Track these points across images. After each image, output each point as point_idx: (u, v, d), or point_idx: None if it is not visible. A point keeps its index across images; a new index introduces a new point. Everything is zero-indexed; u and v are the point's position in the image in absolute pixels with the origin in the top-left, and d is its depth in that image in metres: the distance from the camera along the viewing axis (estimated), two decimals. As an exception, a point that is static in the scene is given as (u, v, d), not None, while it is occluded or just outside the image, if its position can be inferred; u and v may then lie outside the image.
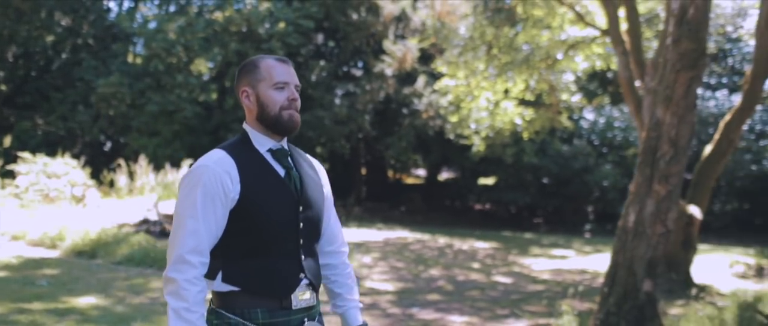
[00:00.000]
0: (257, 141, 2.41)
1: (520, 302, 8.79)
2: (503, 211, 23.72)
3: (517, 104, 15.88)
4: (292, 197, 2.39)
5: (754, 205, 24.69)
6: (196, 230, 2.26)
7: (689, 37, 5.74)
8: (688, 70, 5.74)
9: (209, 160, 2.32)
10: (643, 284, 6.06)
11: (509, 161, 19.11)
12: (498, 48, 14.68)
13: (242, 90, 2.43)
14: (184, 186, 2.32)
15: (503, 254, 14.07)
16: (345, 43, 20.24)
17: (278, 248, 2.36)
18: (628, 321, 6.00)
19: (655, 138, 5.92)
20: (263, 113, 2.38)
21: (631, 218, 6.15)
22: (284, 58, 2.46)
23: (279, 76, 2.39)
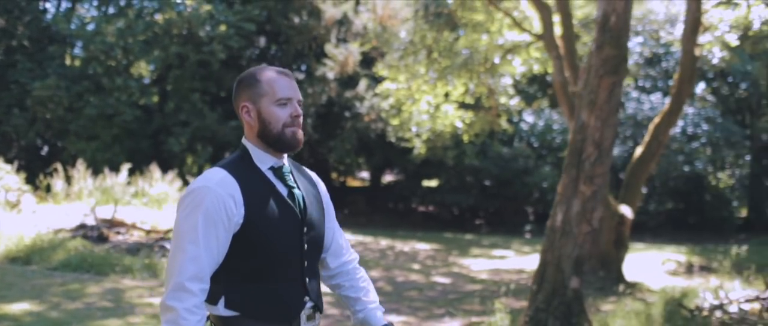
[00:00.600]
0: (258, 158, 2.31)
1: (456, 301, 8.98)
2: (446, 213, 24.01)
3: (457, 107, 16.14)
4: (296, 218, 2.31)
5: (687, 205, 25.52)
6: (196, 256, 2.15)
7: (611, 43, 5.99)
8: (611, 75, 5.99)
9: (211, 181, 2.20)
10: (570, 281, 6.29)
11: (450, 163, 19.40)
12: (438, 52, 14.91)
13: (242, 105, 2.31)
14: (183, 208, 2.20)
15: (444, 255, 14.29)
16: (287, 46, 20.26)
17: (283, 271, 2.28)
18: (556, 317, 6.22)
19: (581, 140, 6.16)
20: (265, 131, 2.27)
21: (559, 218, 6.38)
22: (285, 71, 2.36)
23: (282, 92, 2.28)
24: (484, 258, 14.13)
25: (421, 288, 9.92)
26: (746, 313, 8.05)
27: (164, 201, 14.17)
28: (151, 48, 18.89)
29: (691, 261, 14.54)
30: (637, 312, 8.32)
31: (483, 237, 18.90)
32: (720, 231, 23.93)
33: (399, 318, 7.79)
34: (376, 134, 18.93)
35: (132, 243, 10.71)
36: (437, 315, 8.06)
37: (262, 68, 2.34)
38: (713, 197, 25.42)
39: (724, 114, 25.70)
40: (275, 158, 2.32)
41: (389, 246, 15.12)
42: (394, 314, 7.96)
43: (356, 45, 18.47)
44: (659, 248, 18.69)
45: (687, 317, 8.06)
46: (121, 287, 8.47)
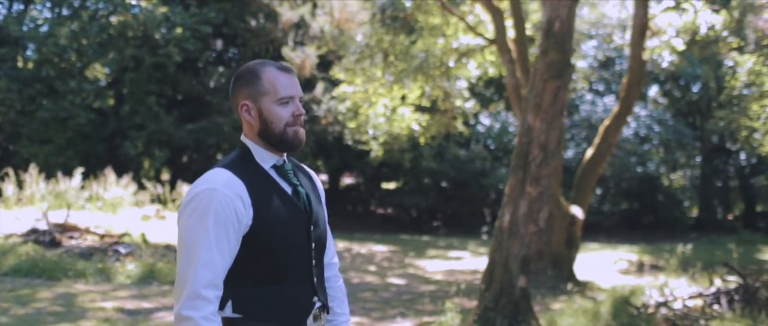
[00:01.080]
0: (260, 157, 2.25)
1: (410, 302, 9.10)
2: (404, 215, 24.17)
3: (413, 110, 16.29)
4: (303, 217, 2.26)
5: (641, 205, 26.09)
6: (211, 261, 2.06)
7: (555, 48, 6.17)
8: (555, 79, 6.17)
9: (216, 183, 2.12)
10: (517, 280, 6.44)
11: (408, 166, 19.56)
12: (394, 55, 15.05)
13: (242, 103, 2.23)
14: (190, 212, 2.10)
15: (400, 256, 14.42)
16: (244, 49, 20.22)
17: (292, 273, 2.22)
18: (504, 315, 6.37)
19: (527, 143, 6.33)
20: (267, 130, 2.20)
21: (507, 218, 6.53)
22: (287, 66, 2.29)
23: (284, 90, 2.21)
24: (440, 259, 14.29)
25: (376, 290, 10.02)
26: (690, 309, 8.31)
27: (119, 206, 14.07)
28: (106, 50, 18.70)
29: (642, 260, 14.87)
30: (586, 309, 8.54)
31: (440, 239, 19.08)
32: (672, 230, 24.49)
33: (352, 319, 7.83)
34: (333, 137, 18.99)
35: (85, 247, 10.63)
36: (390, 315, 8.17)
37: (262, 63, 2.26)
38: (665, 197, 26.00)
39: (676, 116, 26.32)
40: (276, 156, 2.26)
41: (346, 249, 15.19)
42: (348, 315, 8.03)
43: (313, 48, 18.53)
44: (613, 248, 19.08)
45: (633, 314, 8.29)
46: (73, 292, 8.42)
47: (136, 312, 7.57)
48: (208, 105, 18.72)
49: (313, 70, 18.94)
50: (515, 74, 11.33)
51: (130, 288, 8.94)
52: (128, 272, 9.50)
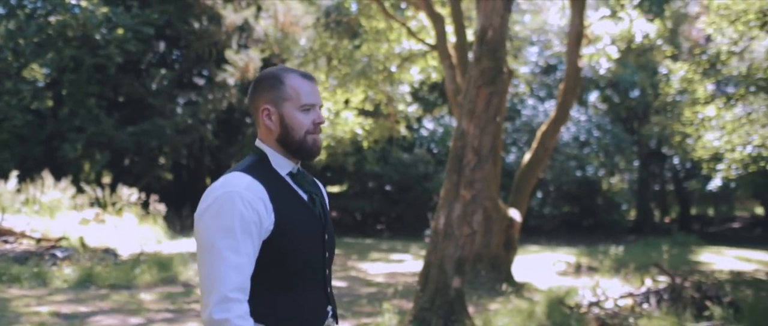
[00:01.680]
0: (277, 163, 2.22)
1: (350, 304, 9.19)
2: (348, 219, 24.27)
3: (356, 114, 16.41)
4: (319, 224, 2.25)
5: (581, 208, 26.69)
6: (239, 265, 2.02)
7: (488, 55, 6.35)
8: (488, 86, 6.35)
9: (238, 186, 2.08)
10: (452, 281, 6.60)
11: (351, 169, 19.64)
12: (338, 59, 15.14)
13: (263, 108, 2.20)
14: (213, 215, 2.05)
15: (343, 260, 14.50)
16: (187, 51, 20.06)
17: (308, 280, 2.21)
18: (439, 315, 6.52)
19: (461, 147, 6.49)
20: (288, 136, 2.18)
21: (442, 221, 6.69)
22: (309, 74, 2.27)
23: (307, 97, 2.19)
24: (383, 261, 14.42)
25: (317, 292, 10.08)
26: (620, 309, 8.59)
27: (57, 209, 13.84)
28: (44, 50, 18.34)
29: (579, 262, 15.22)
30: (521, 310, 8.76)
31: (383, 242, 19.23)
32: (611, 233, 25.12)
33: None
34: (277, 140, 19.01)
35: (20, 251, 10.46)
36: (330, 317, 8.23)
37: (284, 69, 2.25)
38: (604, 201, 26.64)
39: (614, 121, 27.01)
40: (292, 163, 2.24)
41: (289, 252, 15.21)
42: (287, 317, 8.09)
43: (257, 51, 18.52)
44: (553, 250, 19.48)
45: (566, 314, 8.54)
46: (7, 296, 8.29)
47: (73, 317, 7.50)
48: (150, 107, 18.53)
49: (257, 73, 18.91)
50: (455, 80, 11.53)
51: (66, 292, 8.84)
52: (65, 276, 9.38)
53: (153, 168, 20.03)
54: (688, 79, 16.75)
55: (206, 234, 2.05)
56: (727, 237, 26.40)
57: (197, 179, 23.62)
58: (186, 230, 17.28)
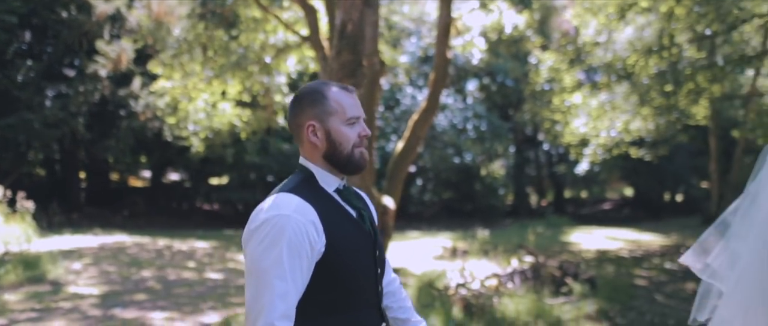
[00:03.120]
0: (324, 181, 2.16)
1: (225, 296, 9.23)
2: (230, 210, 24.06)
3: (234, 105, 16.30)
4: (370, 241, 2.20)
5: (460, 194, 27.49)
6: (285, 293, 1.96)
7: (348, 49, 6.54)
8: (348, 78, 6.54)
9: (287, 209, 2.01)
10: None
11: (230, 161, 19.49)
12: (213, 50, 14.98)
13: (308, 124, 2.14)
14: (261, 240, 1.98)
15: (222, 252, 14.44)
16: (56, 41, 19.29)
17: (361, 298, 2.16)
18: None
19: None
20: (335, 152, 2.12)
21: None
22: (349, 87, 2.21)
23: (351, 110, 2.14)
24: (262, 252, 14.44)
25: (192, 285, 10.05)
26: (486, 289, 9.01)
27: None
28: None
29: (456, 246, 15.75)
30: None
31: (265, 233, 19.19)
32: (489, 217, 26.04)
33: (163, 314, 7.91)
34: (153, 133, 18.59)
35: None
36: (202, 309, 8.26)
37: (325, 84, 2.18)
38: (482, 186, 27.54)
39: (491, 109, 27.92)
40: (339, 179, 2.18)
41: (167, 246, 15.00)
42: (159, 311, 8.07)
43: (129, 42, 18.02)
44: (433, 235, 20.06)
45: (435, 295, 8.90)
46: None
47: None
48: (17, 100, 17.71)
49: (130, 65, 18.42)
50: (328, 71, 11.66)
51: None
52: None
53: (22, 164, 19.19)
54: (555, 68, 17.59)
55: (253, 258, 1.99)
56: (597, 218, 27.94)
57: (71, 174, 22.79)
58: (57, 227, 16.71)
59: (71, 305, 8.29)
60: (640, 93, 16.16)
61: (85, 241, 15.13)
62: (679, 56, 15.39)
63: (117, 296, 8.99)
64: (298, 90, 2.24)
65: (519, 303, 8.09)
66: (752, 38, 18.44)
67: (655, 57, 15.02)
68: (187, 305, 8.50)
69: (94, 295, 9.00)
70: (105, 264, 11.82)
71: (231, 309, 8.17)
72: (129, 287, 9.71)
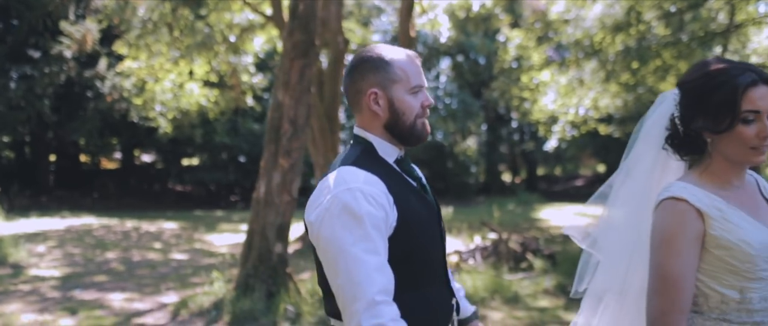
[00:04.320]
0: (384, 151, 2.01)
1: (187, 276, 9.26)
2: (202, 191, 24.01)
3: (202, 86, 16.21)
4: (434, 212, 2.06)
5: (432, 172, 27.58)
6: (380, 265, 1.79)
7: (300, 29, 6.56)
8: (301, 58, 6.56)
9: (356, 182, 1.85)
10: (275, 247, 6.82)
11: (199, 141, 19.42)
12: (179, 30, 14.87)
13: (370, 92, 1.98)
14: (336, 217, 1.81)
15: (190, 232, 14.45)
16: (20, 22, 19.04)
17: (431, 275, 2.01)
18: (263, 280, 6.73)
19: (278, 118, 6.69)
20: (397, 122, 1.98)
21: (262, 189, 6.88)
22: (414, 53, 2.06)
23: (416, 79, 1.99)
24: (231, 232, 14.49)
25: (155, 266, 10.07)
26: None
27: None
28: None
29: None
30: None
31: (236, 213, 19.22)
32: (462, 194, 26.20)
33: (123, 295, 7.93)
34: (120, 114, 18.47)
35: None
36: (163, 289, 8.29)
37: (387, 48, 2.04)
38: (455, 164, 27.65)
39: (462, 87, 27.98)
40: (398, 150, 2.04)
41: (135, 228, 14.97)
42: (119, 292, 8.09)
43: (94, 22, 17.83)
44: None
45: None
46: None
47: None
48: (-20, 82, 17.52)
49: (96, 45, 18.24)
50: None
51: None
52: None
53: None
54: (523, 46, 17.68)
55: (333, 239, 1.81)
56: (570, 195, 28.16)
57: (40, 157, 22.61)
58: (23, 210, 16.61)
59: (30, 287, 8.28)
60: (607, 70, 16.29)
61: (52, 224, 15.07)
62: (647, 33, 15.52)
63: (78, 278, 8.99)
64: (359, 53, 2.08)
65: (477, 279, 8.18)
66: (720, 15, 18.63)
67: (622, 34, 15.12)
68: (148, 286, 8.52)
69: (55, 277, 8.99)
70: (69, 247, 11.80)
71: (190, 288, 8.21)
72: (91, 269, 9.71)
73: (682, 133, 1.90)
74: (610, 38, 15.12)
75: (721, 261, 1.80)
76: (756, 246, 1.77)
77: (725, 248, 1.78)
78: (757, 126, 1.79)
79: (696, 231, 1.79)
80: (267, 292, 6.67)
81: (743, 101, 1.78)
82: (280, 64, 6.78)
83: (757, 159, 1.82)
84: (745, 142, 1.80)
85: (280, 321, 6.40)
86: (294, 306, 6.64)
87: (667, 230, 1.80)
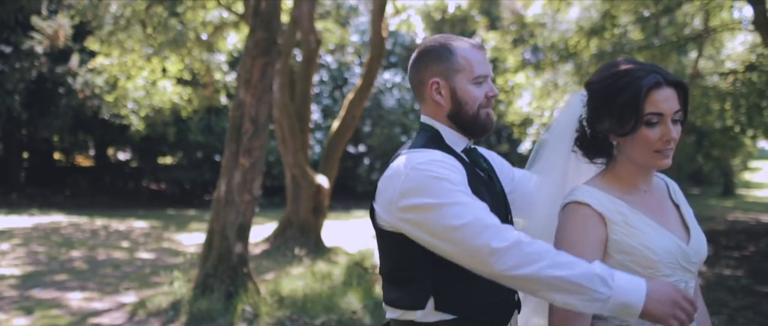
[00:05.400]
0: (451, 140, 1.98)
1: (150, 275, 9.16)
2: (176, 190, 23.85)
3: (175, 83, 16.09)
4: (502, 204, 2.02)
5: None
6: (485, 206, 1.76)
7: (262, 27, 6.51)
8: (263, 56, 6.51)
9: (434, 156, 1.83)
10: (235, 247, 6.76)
11: (172, 140, 19.27)
12: (152, 27, 14.75)
13: (432, 81, 1.96)
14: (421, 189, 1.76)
15: (160, 231, 14.33)
16: (-10, 17, 18.77)
17: None
18: (222, 281, 6.67)
19: (239, 116, 6.64)
20: (461, 112, 1.96)
21: (223, 188, 6.82)
22: (479, 43, 2.02)
23: (479, 68, 1.96)
24: (201, 232, 14.32)
25: (119, 265, 9.96)
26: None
27: None
28: None
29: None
30: (319, 272, 9.09)
31: (208, 212, 19.04)
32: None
33: (81, 294, 7.83)
34: (92, 111, 18.28)
35: None
36: (124, 289, 8.20)
37: (451, 37, 2.01)
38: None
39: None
40: (465, 140, 2.02)
41: (104, 226, 14.83)
42: (78, 291, 7.99)
43: (66, 18, 17.63)
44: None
45: (361, 274, 8.96)
46: None
47: None
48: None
49: (68, 41, 18.04)
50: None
51: None
52: None
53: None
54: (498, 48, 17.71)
55: (427, 205, 1.75)
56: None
57: (11, 154, 22.33)
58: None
59: (-12, 286, 8.17)
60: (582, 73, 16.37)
61: (20, 222, 14.90)
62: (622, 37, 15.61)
63: (39, 276, 8.87)
64: (423, 42, 2.05)
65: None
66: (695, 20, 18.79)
67: (597, 38, 15.19)
68: (109, 285, 8.43)
69: (15, 276, 8.86)
70: (34, 245, 11.65)
71: (152, 288, 8.12)
72: (54, 267, 9.59)
73: (589, 135, 1.88)
74: (584, 42, 15.19)
75: (623, 266, 1.77)
76: (658, 252, 1.75)
77: (627, 253, 1.76)
78: (660, 129, 1.76)
79: (598, 236, 1.77)
80: (226, 292, 6.61)
81: (646, 103, 1.75)
82: (242, 62, 6.72)
83: (661, 163, 1.79)
84: (648, 145, 1.77)
85: (237, 322, 6.35)
86: (252, 306, 6.59)
87: (570, 235, 1.78)
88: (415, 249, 1.83)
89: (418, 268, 1.87)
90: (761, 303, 7.78)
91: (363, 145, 24.72)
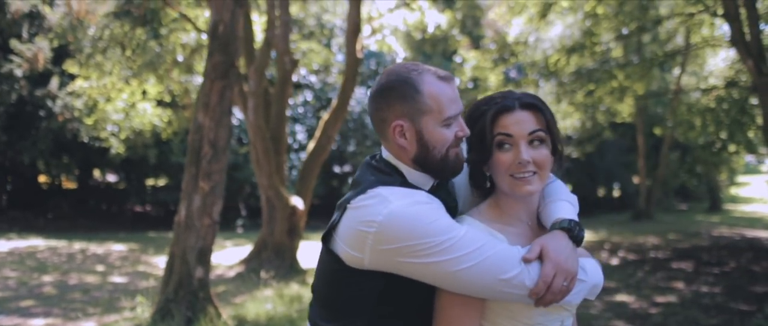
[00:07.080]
0: (416, 181, 1.79)
1: (118, 300, 9.05)
2: (161, 212, 23.73)
3: (155, 105, 16.07)
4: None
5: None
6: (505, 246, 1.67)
7: (220, 50, 6.48)
8: (221, 80, 6.48)
9: (405, 193, 1.68)
10: (195, 271, 6.69)
11: (154, 162, 19.21)
12: (131, 49, 14.74)
13: (395, 124, 1.74)
14: (429, 223, 1.62)
15: (138, 254, 14.22)
16: (-29, 40, 18.74)
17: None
18: (183, 305, 6.60)
19: (198, 140, 6.59)
20: (427, 156, 1.75)
21: (183, 212, 6.76)
22: (448, 74, 1.79)
23: (450, 109, 1.74)
24: (179, 254, 14.27)
25: (89, 290, 9.86)
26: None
27: None
28: None
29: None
30: (287, 295, 9.01)
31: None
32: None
33: (45, 320, 7.73)
34: (72, 134, 18.21)
35: None
36: (90, 314, 8.11)
37: (418, 71, 1.75)
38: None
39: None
40: (432, 179, 1.81)
41: (82, 250, 14.72)
42: (41, 317, 7.89)
43: (46, 40, 17.62)
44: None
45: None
46: None
47: None
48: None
49: (48, 64, 18.01)
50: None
51: None
52: None
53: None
54: (479, 67, 17.75)
55: (422, 248, 1.61)
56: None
57: (-8, 177, 22.23)
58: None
59: (-49, 313, 8.06)
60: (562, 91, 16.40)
61: (-4, 246, 14.79)
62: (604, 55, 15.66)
63: (4, 303, 8.76)
64: (384, 74, 1.80)
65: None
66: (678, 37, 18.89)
67: (577, 55, 15.23)
68: (75, 310, 8.32)
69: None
70: (7, 270, 11.54)
71: (117, 313, 8.03)
72: (22, 293, 9.49)
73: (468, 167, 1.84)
74: (564, 60, 15.22)
75: (498, 304, 1.71)
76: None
77: None
78: (512, 152, 1.71)
79: None
80: (185, 318, 6.53)
81: (494, 126, 1.71)
82: (201, 85, 6.69)
83: (523, 189, 1.70)
84: (504, 169, 1.70)
85: (195, 348, 6.27)
86: (212, 332, 6.51)
87: None
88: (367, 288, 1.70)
89: (359, 305, 1.73)
90: (733, 321, 7.73)
91: (348, 164, 24.70)
